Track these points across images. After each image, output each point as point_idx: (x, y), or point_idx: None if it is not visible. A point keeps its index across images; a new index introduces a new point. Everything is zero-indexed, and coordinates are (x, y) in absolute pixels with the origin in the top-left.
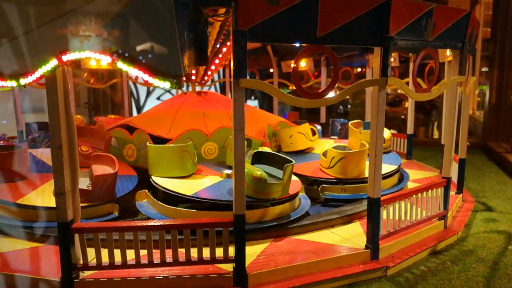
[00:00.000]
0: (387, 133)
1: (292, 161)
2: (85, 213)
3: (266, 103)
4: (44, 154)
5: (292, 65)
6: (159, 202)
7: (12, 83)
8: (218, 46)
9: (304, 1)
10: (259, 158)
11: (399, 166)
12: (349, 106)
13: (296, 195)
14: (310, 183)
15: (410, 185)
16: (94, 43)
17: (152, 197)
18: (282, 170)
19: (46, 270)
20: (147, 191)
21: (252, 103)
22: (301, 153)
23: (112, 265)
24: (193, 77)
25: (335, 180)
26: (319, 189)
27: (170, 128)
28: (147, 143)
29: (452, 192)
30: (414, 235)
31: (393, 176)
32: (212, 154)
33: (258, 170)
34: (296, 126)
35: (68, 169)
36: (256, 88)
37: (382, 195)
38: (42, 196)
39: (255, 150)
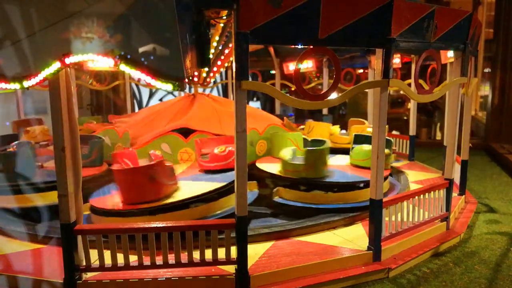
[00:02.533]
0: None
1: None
2: None
3: (268, 105)
4: None
5: (294, 67)
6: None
7: (15, 86)
8: (220, 48)
9: (306, 3)
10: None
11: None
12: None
13: None
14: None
15: (413, 186)
16: (97, 45)
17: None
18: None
19: (48, 272)
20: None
21: (254, 104)
22: None
23: (114, 267)
24: (195, 79)
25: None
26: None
27: (220, 127)
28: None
29: (454, 194)
30: (416, 236)
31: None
32: (262, 151)
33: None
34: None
35: (71, 171)
36: (258, 90)
37: None
38: None
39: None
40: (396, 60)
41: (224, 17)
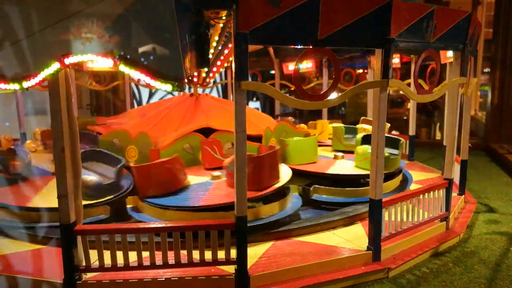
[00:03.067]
0: None
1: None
2: None
3: (268, 105)
4: None
5: (293, 67)
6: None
7: (15, 86)
8: (219, 48)
9: (305, 3)
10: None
11: None
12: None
13: None
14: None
15: (412, 186)
16: (96, 45)
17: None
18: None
19: (48, 272)
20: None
21: (254, 104)
22: None
23: (114, 267)
24: (195, 79)
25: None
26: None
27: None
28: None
29: (454, 194)
30: (416, 236)
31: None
32: None
33: None
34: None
35: (70, 172)
36: (258, 90)
37: None
38: None
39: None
40: (396, 60)
41: (224, 18)
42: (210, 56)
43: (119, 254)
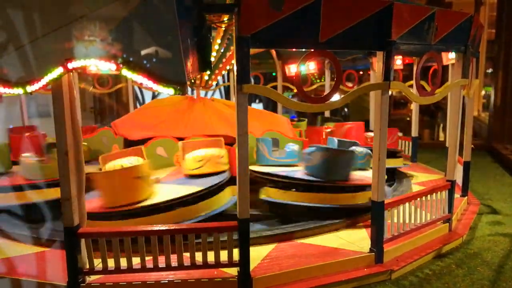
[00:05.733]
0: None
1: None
2: None
3: (270, 106)
4: None
5: (295, 69)
6: None
7: (18, 91)
8: (222, 50)
9: (307, 6)
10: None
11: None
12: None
13: None
14: None
15: (415, 188)
16: (99, 48)
17: None
18: None
19: (52, 275)
20: None
21: (257, 106)
22: None
23: (118, 269)
24: (197, 82)
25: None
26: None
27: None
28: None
29: (457, 195)
30: (418, 238)
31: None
32: None
33: None
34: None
35: (74, 175)
36: (260, 93)
37: None
38: None
39: None
40: (398, 62)
41: (226, 21)
42: (212, 59)
43: (122, 257)
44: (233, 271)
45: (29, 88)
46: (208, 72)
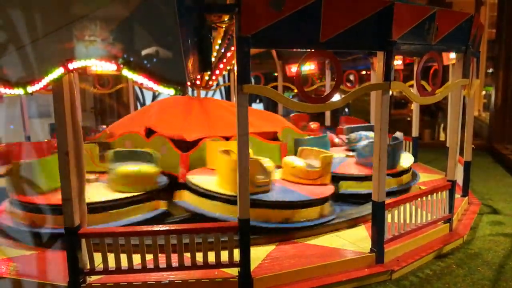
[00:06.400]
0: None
1: None
2: None
3: (271, 106)
4: None
5: (295, 70)
6: None
7: (19, 91)
8: (222, 50)
9: (307, 7)
10: None
11: None
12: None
13: None
14: None
15: (416, 187)
16: (100, 48)
17: None
18: None
19: (53, 275)
20: None
21: (257, 106)
22: None
23: (118, 270)
24: (198, 82)
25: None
26: None
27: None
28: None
29: (457, 195)
30: (419, 238)
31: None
32: None
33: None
34: None
35: (74, 175)
36: (260, 93)
37: None
38: None
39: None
40: (399, 62)
41: (226, 21)
42: (213, 59)
43: (123, 257)
44: (234, 272)
45: (30, 89)
46: (209, 72)
